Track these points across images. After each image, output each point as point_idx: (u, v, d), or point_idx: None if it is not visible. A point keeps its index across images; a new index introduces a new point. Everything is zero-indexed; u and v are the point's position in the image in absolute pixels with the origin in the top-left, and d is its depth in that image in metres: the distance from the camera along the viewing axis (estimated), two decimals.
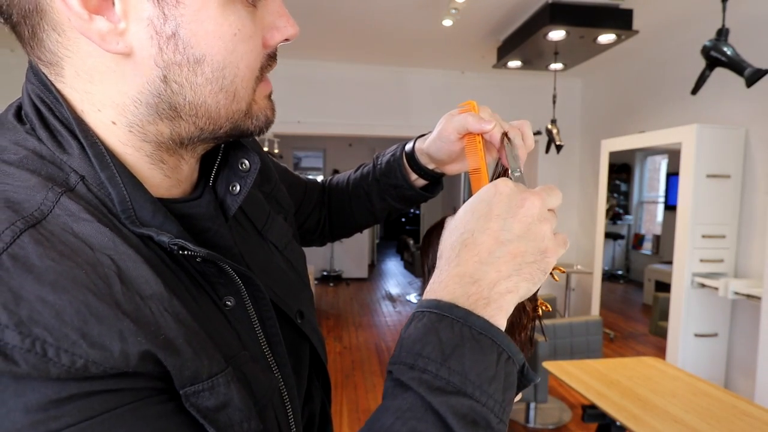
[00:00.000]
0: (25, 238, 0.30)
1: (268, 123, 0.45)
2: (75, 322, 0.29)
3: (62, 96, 0.38)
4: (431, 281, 0.41)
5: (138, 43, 0.35)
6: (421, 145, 0.66)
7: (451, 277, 0.39)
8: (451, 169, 0.65)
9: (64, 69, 0.37)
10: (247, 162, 0.48)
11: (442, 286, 0.39)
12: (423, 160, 0.67)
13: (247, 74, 0.40)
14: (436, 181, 0.69)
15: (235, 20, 0.37)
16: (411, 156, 0.68)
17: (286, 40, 0.42)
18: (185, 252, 0.38)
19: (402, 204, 0.74)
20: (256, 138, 0.51)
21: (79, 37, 0.35)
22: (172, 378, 0.33)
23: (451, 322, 0.36)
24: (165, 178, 0.43)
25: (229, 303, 0.43)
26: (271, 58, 0.43)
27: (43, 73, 0.38)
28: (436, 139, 0.61)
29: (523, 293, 0.40)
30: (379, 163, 0.76)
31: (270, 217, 0.57)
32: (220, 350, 0.37)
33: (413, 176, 0.69)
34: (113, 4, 0.34)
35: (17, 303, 0.28)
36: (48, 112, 0.38)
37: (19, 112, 0.40)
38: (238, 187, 0.48)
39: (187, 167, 0.45)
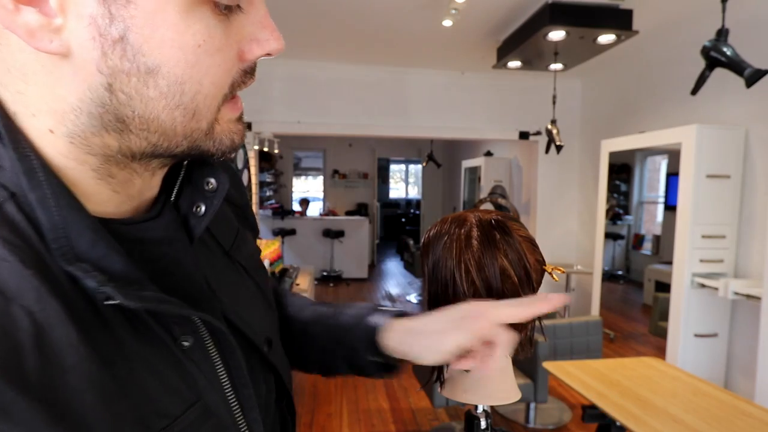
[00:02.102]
0: None
1: (233, 147, 0.39)
2: None
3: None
4: None
5: (77, 43, 0.30)
6: (398, 327, 0.56)
7: None
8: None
9: None
10: (213, 181, 0.43)
11: None
12: (394, 339, 0.56)
13: (212, 91, 0.35)
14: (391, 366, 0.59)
15: (200, 29, 0.32)
16: (374, 332, 0.57)
17: (268, 54, 0.37)
18: (112, 302, 0.32)
19: (347, 369, 0.62)
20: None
21: (8, 36, 0.30)
22: None
23: None
24: (113, 193, 0.37)
25: (185, 343, 0.37)
26: (246, 73, 0.37)
27: None
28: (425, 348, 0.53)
29: None
30: (342, 317, 0.63)
31: (239, 235, 0.52)
32: (159, 413, 0.34)
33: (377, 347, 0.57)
34: None
35: None
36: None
37: None
38: (203, 208, 0.43)
39: (141, 181, 0.39)
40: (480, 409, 0.69)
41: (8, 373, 0.26)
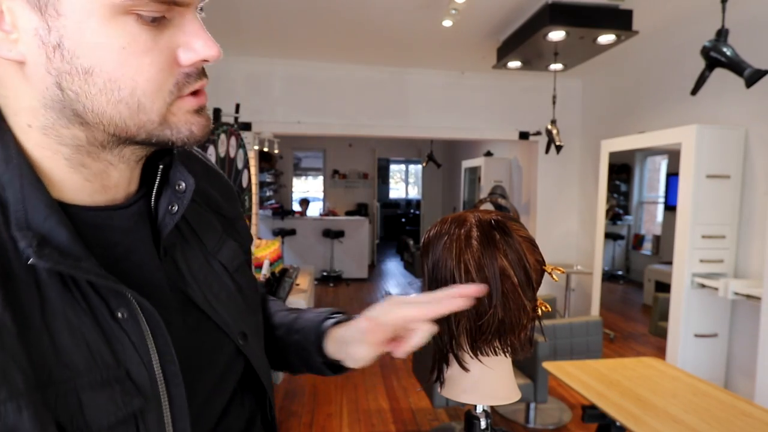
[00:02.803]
0: None
1: (193, 137, 0.44)
2: None
3: None
4: None
5: (29, 51, 0.38)
6: (333, 335, 0.63)
7: None
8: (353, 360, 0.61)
9: None
10: (183, 183, 0.49)
11: None
12: (330, 347, 0.63)
13: (149, 88, 0.40)
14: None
15: (122, 34, 0.38)
16: (322, 336, 0.65)
17: (205, 61, 0.43)
18: (37, 264, 0.38)
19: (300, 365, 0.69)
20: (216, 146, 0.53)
21: None
22: None
23: None
24: (86, 182, 0.44)
25: (120, 315, 0.42)
26: (190, 75, 0.43)
27: None
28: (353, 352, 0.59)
29: None
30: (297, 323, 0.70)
31: (222, 239, 0.58)
32: (65, 364, 0.38)
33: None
34: (3, 14, 0.37)
35: None
36: None
37: None
38: (176, 207, 0.49)
39: (117, 174, 0.46)
40: (480, 409, 0.69)
41: None
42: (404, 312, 0.55)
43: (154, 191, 0.50)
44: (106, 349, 0.41)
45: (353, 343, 0.59)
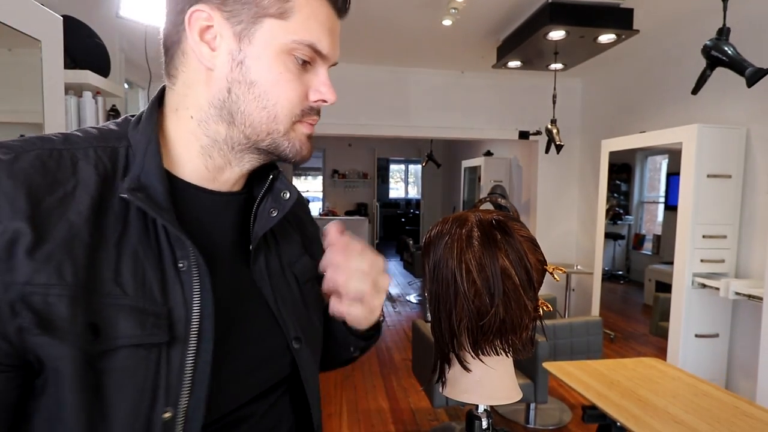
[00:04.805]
0: (33, 153, 0.47)
1: (300, 154, 0.59)
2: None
3: (161, 102, 0.58)
4: None
5: (220, 63, 0.54)
6: None
7: None
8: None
9: (177, 79, 0.57)
10: (288, 193, 0.63)
11: None
12: None
13: (286, 105, 0.55)
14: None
15: (281, 66, 0.54)
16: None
17: (324, 101, 0.58)
18: (128, 198, 0.49)
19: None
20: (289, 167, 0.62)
21: (193, 58, 0.55)
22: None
23: None
24: (204, 169, 0.58)
25: (181, 265, 0.51)
26: (312, 109, 0.58)
27: (164, 87, 0.59)
28: None
29: None
30: None
31: (300, 255, 0.68)
32: (118, 284, 0.47)
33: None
34: (215, 38, 0.53)
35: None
36: (146, 113, 0.57)
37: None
38: (276, 212, 0.61)
39: (229, 174, 0.60)
40: (481, 409, 0.69)
41: (34, 191, 0.45)
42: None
43: (260, 195, 0.62)
44: (159, 286, 0.50)
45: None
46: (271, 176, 0.63)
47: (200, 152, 0.57)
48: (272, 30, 0.53)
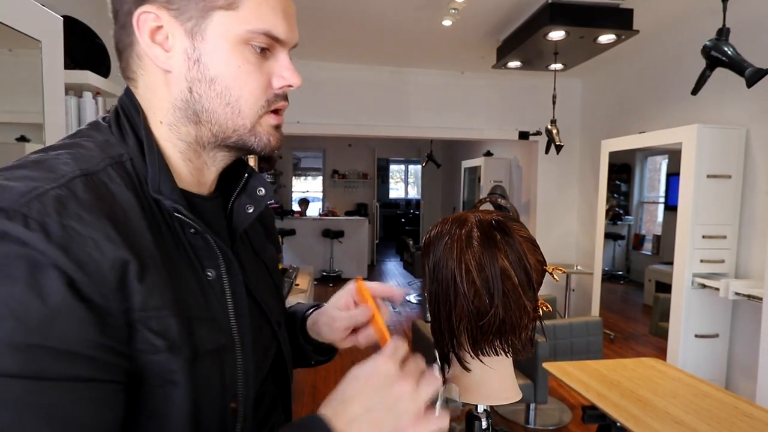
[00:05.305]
0: (77, 180, 0.46)
1: (270, 146, 0.58)
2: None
3: (140, 107, 0.55)
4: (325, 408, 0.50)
5: (176, 64, 0.53)
6: (312, 325, 0.76)
7: (330, 415, 0.49)
8: (340, 345, 0.74)
9: (138, 82, 0.55)
10: (263, 189, 0.63)
11: (323, 414, 0.49)
12: (313, 334, 0.76)
13: (251, 99, 0.54)
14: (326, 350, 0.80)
15: (239, 58, 0.53)
16: (303, 324, 0.78)
17: (289, 86, 0.57)
18: (179, 216, 0.52)
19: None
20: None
21: (149, 62, 0.54)
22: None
23: None
24: (190, 174, 0.58)
25: (209, 274, 0.54)
26: (278, 96, 0.57)
27: (131, 92, 0.56)
28: (328, 329, 0.72)
29: None
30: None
31: (264, 242, 0.72)
32: (177, 299, 0.49)
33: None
34: (167, 39, 0.52)
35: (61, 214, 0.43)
36: (124, 118, 0.55)
37: (105, 119, 0.57)
38: (252, 208, 0.62)
39: (208, 174, 0.60)
40: (480, 409, 0.69)
41: (112, 219, 0.46)
42: (342, 323, 0.69)
43: (235, 193, 0.62)
44: (201, 296, 0.53)
45: (322, 325, 0.73)
46: (246, 174, 0.63)
47: (181, 158, 0.56)
48: (224, 22, 0.52)
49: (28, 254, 0.40)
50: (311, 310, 0.78)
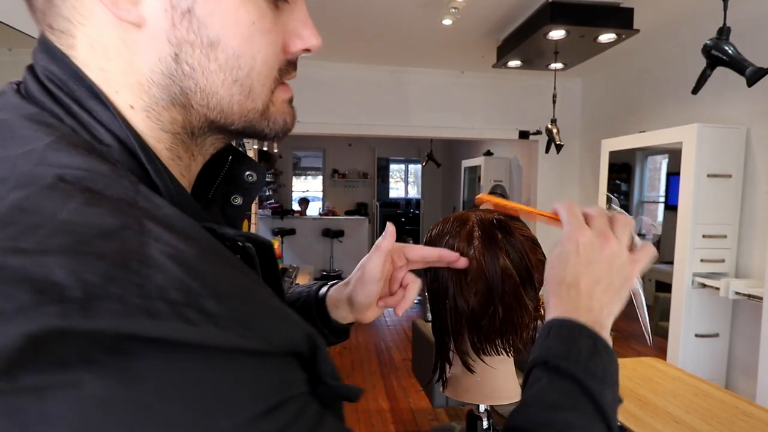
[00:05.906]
0: (149, 223, 0.28)
1: (286, 128, 0.43)
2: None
3: (89, 79, 0.34)
4: (550, 309, 0.50)
5: (151, 14, 0.33)
6: (339, 294, 0.67)
7: (571, 309, 0.48)
8: (368, 316, 0.66)
9: (76, 39, 0.34)
10: (254, 174, 0.47)
11: (567, 313, 0.48)
12: (334, 312, 0.67)
13: (264, 70, 0.38)
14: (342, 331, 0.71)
15: (253, 9, 0.36)
16: (321, 305, 0.68)
17: (307, 50, 0.41)
18: (246, 245, 0.36)
19: None
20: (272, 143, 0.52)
21: (95, 3, 0.33)
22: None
23: (588, 335, 0.46)
24: (181, 176, 0.40)
25: None
26: (290, 64, 0.41)
27: (61, 53, 0.34)
28: (363, 282, 0.63)
29: (617, 311, 0.50)
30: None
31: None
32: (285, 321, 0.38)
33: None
34: None
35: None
36: (72, 102, 0.34)
37: (19, 90, 0.35)
38: (240, 199, 0.47)
39: (195, 168, 0.43)
40: (482, 409, 0.69)
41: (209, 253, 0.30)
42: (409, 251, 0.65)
43: (217, 183, 0.47)
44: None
45: (354, 294, 0.64)
46: (230, 157, 0.47)
47: (170, 157, 0.38)
48: None
49: None
50: (325, 289, 0.69)
